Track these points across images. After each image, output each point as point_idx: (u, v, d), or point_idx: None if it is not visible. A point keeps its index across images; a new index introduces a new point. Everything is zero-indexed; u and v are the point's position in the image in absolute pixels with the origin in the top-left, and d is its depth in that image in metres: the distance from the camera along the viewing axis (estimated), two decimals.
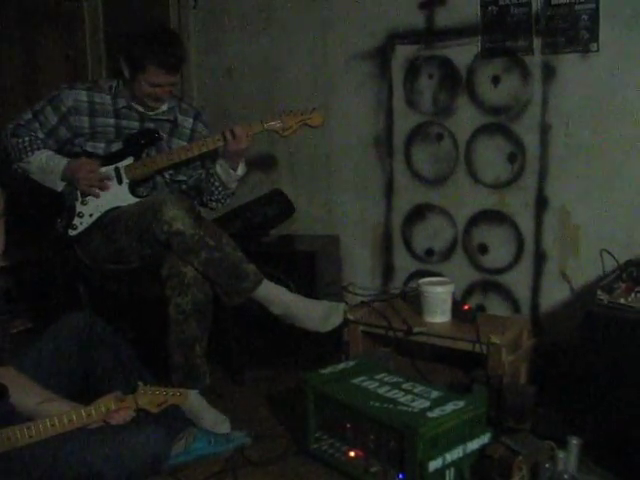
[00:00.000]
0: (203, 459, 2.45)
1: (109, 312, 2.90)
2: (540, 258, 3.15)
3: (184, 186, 3.14)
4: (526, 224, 3.17)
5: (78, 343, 2.41)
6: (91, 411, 2.15)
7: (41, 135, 2.94)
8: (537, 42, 3.03)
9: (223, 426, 2.62)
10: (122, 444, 2.12)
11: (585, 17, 2.90)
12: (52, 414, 2.12)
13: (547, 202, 3.10)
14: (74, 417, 2.11)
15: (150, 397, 2.26)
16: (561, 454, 2.00)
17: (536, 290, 3.18)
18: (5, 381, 2.14)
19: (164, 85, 2.88)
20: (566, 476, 1.95)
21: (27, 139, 2.91)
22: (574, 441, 2.01)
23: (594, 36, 2.89)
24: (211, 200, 3.07)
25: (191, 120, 3.12)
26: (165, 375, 2.69)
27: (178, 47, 2.89)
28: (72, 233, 2.93)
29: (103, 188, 2.91)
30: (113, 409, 2.18)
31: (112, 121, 2.97)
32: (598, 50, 2.89)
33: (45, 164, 2.90)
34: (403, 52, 3.37)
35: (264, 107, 3.72)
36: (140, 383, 2.27)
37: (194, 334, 2.68)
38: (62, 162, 2.90)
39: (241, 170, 3.01)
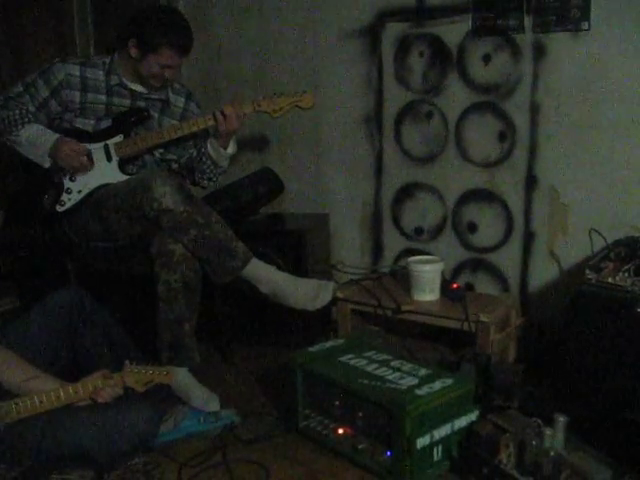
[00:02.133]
0: (192, 437, 2.46)
1: (97, 290, 2.89)
2: (529, 237, 3.16)
3: (174, 165, 3.14)
4: (515, 203, 3.17)
5: (66, 319, 2.42)
6: (78, 388, 2.15)
7: (32, 108, 2.92)
8: (528, 20, 3.02)
9: (212, 404, 2.62)
10: (110, 422, 2.14)
11: None
12: (38, 391, 2.13)
13: (536, 181, 3.11)
14: (62, 394, 2.12)
15: (136, 376, 2.26)
16: (548, 431, 2.01)
17: (525, 269, 3.19)
18: None
19: (174, 66, 2.90)
20: (552, 453, 1.97)
21: (17, 112, 2.89)
22: (561, 418, 2.03)
23: (585, 15, 2.88)
24: (202, 179, 3.07)
25: (183, 99, 3.11)
26: (154, 353, 2.69)
27: (190, 29, 2.91)
28: (60, 209, 2.92)
29: (83, 171, 2.90)
30: (100, 387, 2.18)
31: (103, 97, 2.95)
32: (589, 29, 2.88)
33: (35, 138, 2.87)
34: (393, 30, 3.35)
35: (254, 86, 3.72)
36: (127, 361, 2.27)
37: (183, 312, 2.68)
38: (52, 137, 2.87)
39: (232, 149, 3.01)
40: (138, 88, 2.99)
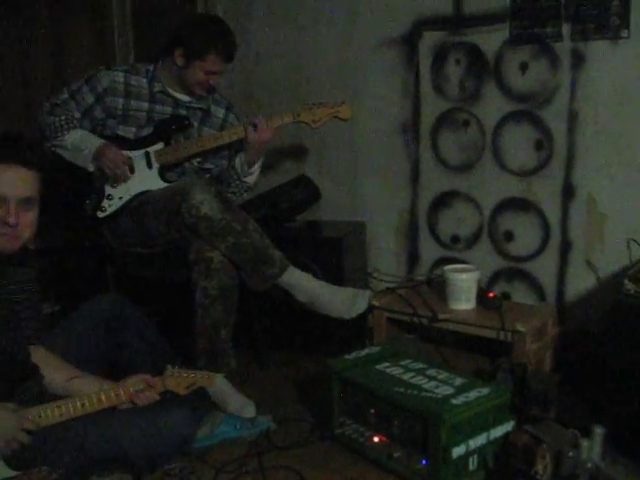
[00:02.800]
0: (228, 443, 2.47)
1: (135, 295, 2.93)
2: (566, 246, 3.14)
3: (209, 175, 3.17)
4: (552, 212, 3.15)
5: (107, 325, 2.45)
6: (120, 392, 2.18)
7: (77, 115, 2.98)
8: (566, 28, 3.00)
9: (248, 410, 2.64)
10: (150, 424, 2.16)
11: (616, 3, 2.86)
12: (81, 390, 2.17)
13: (574, 190, 3.09)
14: (103, 397, 2.15)
15: (178, 379, 2.29)
16: (585, 443, 1.99)
17: (561, 278, 3.17)
18: (35, 359, 2.18)
19: (218, 73, 2.95)
20: (589, 465, 1.95)
21: (64, 117, 2.95)
22: (598, 430, 2.00)
23: (625, 22, 2.86)
24: (228, 191, 3.07)
25: (223, 110, 3.16)
26: (191, 359, 2.71)
27: (234, 37, 2.97)
28: (101, 215, 2.97)
29: (129, 173, 2.94)
30: (140, 389, 2.21)
31: (146, 105, 3.00)
32: (629, 37, 2.86)
33: (79, 143, 2.94)
34: (430, 38, 3.35)
35: (292, 95, 3.73)
36: (168, 365, 2.30)
37: (220, 318, 2.70)
38: (96, 142, 2.93)
39: (255, 169, 3.04)
40: (180, 96, 3.04)
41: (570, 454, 1.98)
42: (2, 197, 2.02)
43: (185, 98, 3.05)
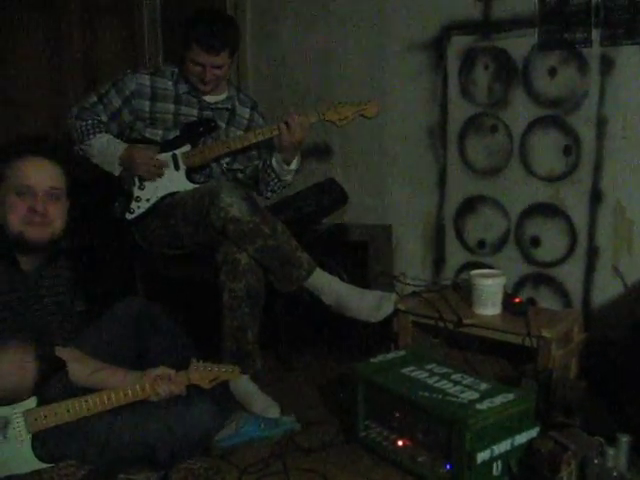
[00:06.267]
0: (253, 442, 2.50)
1: (163, 296, 2.96)
2: (593, 252, 3.13)
3: (240, 175, 3.19)
4: (580, 218, 3.14)
5: (136, 327, 2.48)
6: (145, 385, 2.21)
7: (104, 118, 3.01)
8: (596, 33, 2.99)
9: (273, 411, 2.66)
10: (173, 418, 2.18)
11: None
12: (106, 381, 2.22)
13: (602, 196, 3.07)
14: (129, 392, 2.18)
15: (202, 373, 2.31)
16: (611, 451, 1.99)
17: (588, 285, 3.16)
18: (61, 354, 2.22)
19: (206, 65, 2.92)
20: (615, 473, 1.94)
21: (90, 122, 2.98)
22: (624, 438, 2.00)
23: None
24: (266, 190, 3.11)
25: (248, 110, 3.17)
26: (217, 360, 2.73)
27: (222, 28, 2.92)
28: (129, 217, 2.99)
29: (159, 175, 2.96)
30: (166, 384, 2.24)
31: (172, 107, 3.03)
32: None
33: (105, 148, 2.96)
34: (459, 43, 3.36)
35: (319, 97, 3.75)
36: (193, 359, 2.32)
37: (246, 320, 2.72)
38: (121, 146, 2.96)
39: (295, 164, 3.04)
40: (206, 97, 3.06)
41: (595, 462, 1.98)
42: (29, 187, 2.11)
43: (211, 99, 3.07)
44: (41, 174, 2.16)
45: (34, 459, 2.05)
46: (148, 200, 2.99)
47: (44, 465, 2.06)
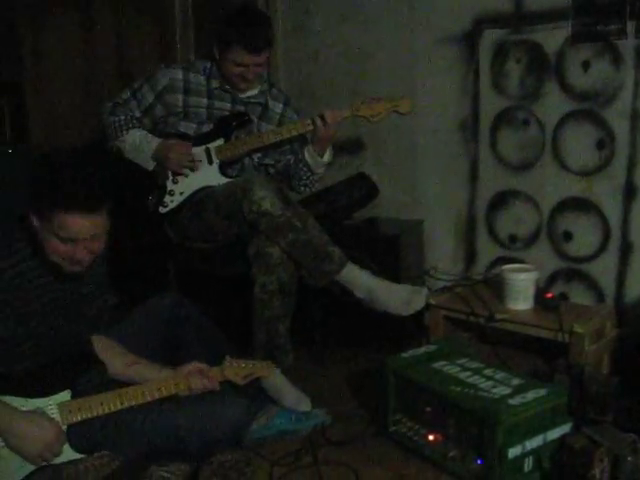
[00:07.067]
0: (283, 435, 2.51)
1: (195, 290, 2.98)
2: (626, 247, 3.10)
3: (272, 169, 3.20)
4: (613, 212, 3.11)
5: (167, 323, 2.50)
6: (179, 381, 2.24)
7: (137, 114, 3.04)
8: (630, 26, 2.95)
9: (304, 405, 2.67)
10: (206, 413, 2.20)
11: None
12: (141, 375, 2.26)
13: (636, 191, 3.04)
14: (163, 387, 2.21)
15: (236, 369, 2.34)
16: None
17: (621, 280, 3.13)
18: (97, 347, 2.24)
19: (248, 65, 2.93)
20: None
21: (123, 118, 3.01)
22: None
23: None
24: (299, 185, 3.12)
25: (281, 105, 3.17)
26: (249, 354, 2.75)
27: (263, 28, 2.94)
28: (163, 210, 3.02)
29: (193, 169, 2.99)
30: (199, 379, 2.26)
31: (205, 101, 3.05)
32: None
33: (138, 143, 2.99)
34: (491, 36, 3.33)
35: (350, 91, 3.74)
36: (227, 356, 2.35)
37: (278, 314, 2.74)
38: (154, 142, 2.99)
39: (327, 157, 3.05)
40: (238, 92, 3.07)
41: (629, 459, 1.97)
42: (70, 238, 2.03)
43: (243, 94, 3.08)
44: (83, 229, 2.04)
45: (69, 449, 2.08)
46: (181, 194, 3.01)
47: (79, 455, 2.09)
